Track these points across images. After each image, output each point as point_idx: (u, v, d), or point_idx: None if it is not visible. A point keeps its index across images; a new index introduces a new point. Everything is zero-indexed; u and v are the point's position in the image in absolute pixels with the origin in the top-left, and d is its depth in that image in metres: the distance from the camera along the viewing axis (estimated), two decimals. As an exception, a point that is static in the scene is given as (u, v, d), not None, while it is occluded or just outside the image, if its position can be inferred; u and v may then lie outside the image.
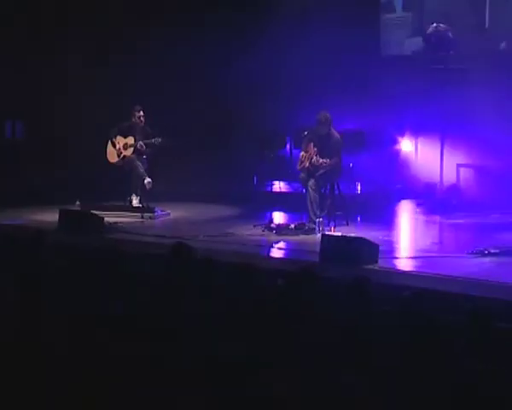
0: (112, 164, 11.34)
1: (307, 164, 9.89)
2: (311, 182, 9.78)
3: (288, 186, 12.62)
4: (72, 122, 12.61)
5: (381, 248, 7.83)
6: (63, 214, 9.76)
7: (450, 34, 12.51)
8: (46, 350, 3.99)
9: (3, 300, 4.87)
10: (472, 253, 8.13)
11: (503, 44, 12.73)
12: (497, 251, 8.10)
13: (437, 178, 12.14)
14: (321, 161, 9.73)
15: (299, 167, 10.06)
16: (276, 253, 8.88)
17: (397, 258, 8.27)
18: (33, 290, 5.14)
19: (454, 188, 11.91)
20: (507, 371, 3.95)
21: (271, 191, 10.96)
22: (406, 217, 11.64)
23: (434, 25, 12.51)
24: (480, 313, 4.66)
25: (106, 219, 9.89)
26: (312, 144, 9.91)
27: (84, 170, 12.07)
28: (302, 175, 9.96)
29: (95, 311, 4.74)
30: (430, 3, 13.53)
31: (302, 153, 10.04)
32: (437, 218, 10.92)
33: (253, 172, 12.96)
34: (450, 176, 12.03)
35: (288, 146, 13.33)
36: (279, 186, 12.62)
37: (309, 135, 10.02)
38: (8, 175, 12.34)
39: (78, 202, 11.03)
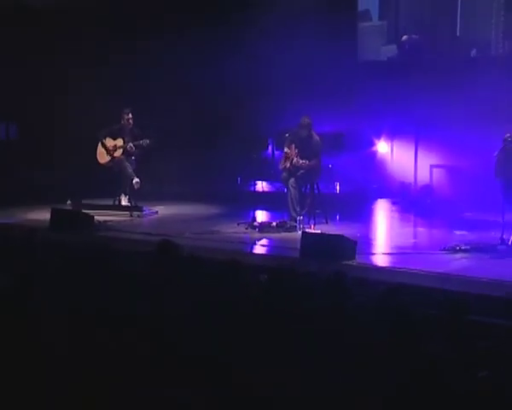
0: (102, 165, 11.28)
1: (288, 164, 9.92)
2: (292, 180, 9.81)
3: (270, 186, 12.63)
4: (62, 124, 12.55)
5: (358, 244, 7.86)
6: (55, 213, 9.72)
7: (423, 42, 12.57)
8: (43, 349, 3.94)
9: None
10: (444, 249, 8.17)
11: (473, 52, 12.80)
12: (468, 248, 8.15)
13: (411, 179, 12.20)
14: (301, 162, 9.77)
15: (281, 167, 10.08)
16: (259, 249, 8.90)
17: (373, 254, 8.29)
18: (27, 288, 5.10)
19: (427, 187, 11.96)
20: (478, 361, 3.99)
21: (254, 191, 10.94)
22: (382, 215, 11.69)
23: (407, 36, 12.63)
24: (453, 306, 4.68)
25: (96, 217, 9.85)
26: (293, 146, 9.94)
27: (75, 171, 12.02)
28: (284, 175, 9.99)
29: (86, 307, 4.72)
30: (404, 13, 13.59)
31: (284, 154, 10.06)
32: (411, 216, 10.98)
33: (237, 173, 12.96)
34: (423, 176, 12.08)
35: (270, 148, 13.33)
36: (262, 186, 12.63)
37: (290, 137, 10.05)
38: (1, 175, 12.28)
39: (69, 202, 11.00)
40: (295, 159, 9.81)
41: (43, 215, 9.93)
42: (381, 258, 8.22)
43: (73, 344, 4.03)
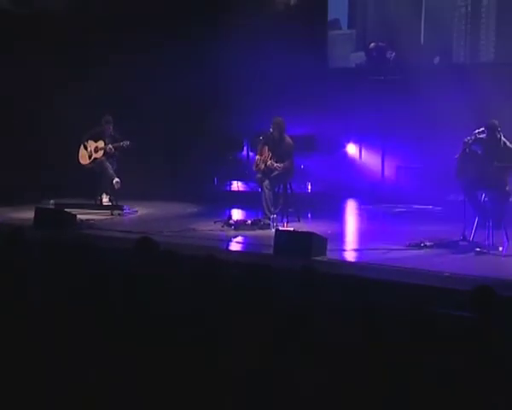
0: (83, 166, 11.30)
1: (262, 166, 9.95)
2: (266, 182, 9.84)
3: (245, 186, 12.64)
4: (46, 127, 12.47)
5: (328, 241, 7.90)
6: (39, 212, 9.68)
7: (389, 49, 12.67)
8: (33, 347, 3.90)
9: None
10: (410, 245, 8.24)
11: (436, 59, 12.92)
12: (432, 244, 8.23)
13: (379, 178, 12.28)
14: (275, 165, 9.82)
15: (255, 169, 10.11)
16: (235, 246, 8.92)
17: (343, 250, 8.33)
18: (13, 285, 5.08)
19: (394, 187, 12.04)
20: (439, 350, 4.05)
21: (230, 190, 11.00)
22: (352, 213, 11.75)
23: (374, 44, 12.71)
24: (417, 298, 4.75)
25: (78, 216, 9.84)
26: (267, 148, 9.97)
27: (58, 172, 11.95)
28: (258, 176, 10.02)
29: (67, 302, 4.71)
30: (372, 22, 13.68)
31: (258, 156, 10.10)
32: (379, 214, 11.04)
33: (214, 173, 12.98)
34: (390, 176, 12.17)
35: (245, 149, 13.36)
36: (237, 186, 12.64)
37: (264, 139, 10.07)
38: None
39: (52, 201, 10.95)
40: (269, 162, 9.86)
41: (27, 214, 9.88)
42: (350, 254, 8.27)
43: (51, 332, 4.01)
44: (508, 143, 8.41)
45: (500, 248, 7.92)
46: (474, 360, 3.79)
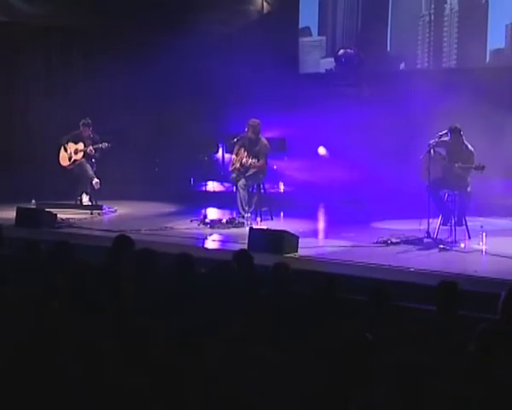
0: (64, 167, 11.19)
1: (238, 166, 9.93)
2: (241, 182, 9.82)
3: (220, 186, 12.61)
4: (28, 129, 12.35)
5: (300, 239, 7.89)
6: (20, 212, 9.57)
7: (357, 56, 12.71)
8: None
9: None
10: (377, 242, 8.26)
11: (402, 65, 13.00)
12: (398, 240, 8.26)
13: (348, 178, 12.29)
14: (250, 161, 9.79)
15: (230, 169, 10.08)
16: (210, 244, 8.88)
17: (314, 247, 8.32)
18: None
19: (363, 186, 12.05)
20: (402, 339, 4.06)
21: (206, 190, 10.94)
22: (322, 212, 11.75)
23: (343, 50, 12.77)
24: (382, 292, 4.75)
25: (59, 215, 9.74)
26: (243, 149, 9.96)
27: (39, 173, 11.84)
28: (233, 176, 9.99)
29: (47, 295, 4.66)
30: (341, 29, 13.73)
31: (233, 156, 10.07)
32: (348, 212, 11.05)
33: (190, 174, 12.92)
34: (359, 176, 12.19)
35: (220, 151, 13.33)
36: (212, 186, 12.60)
37: (240, 140, 10.04)
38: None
39: (33, 201, 10.84)
40: (245, 159, 9.84)
41: (9, 214, 9.76)
42: (320, 251, 8.28)
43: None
44: (469, 146, 8.47)
45: (462, 245, 7.98)
46: (438, 351, 3.80)
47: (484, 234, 8.07)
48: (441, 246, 7.97)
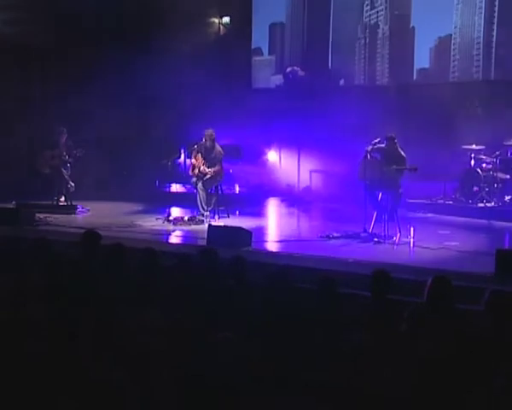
0: (42, 171, 11.02)
1: (196, 171, 9.89)
2: (200, 184, 9.78)
3: (182, 187, 12.53)
4: (8, 135, 12.10)
5: (253, 234, 7.89)
6: (1, 211, 9.36)
7: (302, 73, 12.79)
8: None
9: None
10: (321, 237, 8.32)
11: (341, 81, 13.11)
12: (339, 235, 8.33)
13: (295, 181, 12.37)
14: (207, 170, 9.77)
15: (190, 173, 10.03)
16: (174, 239, 8.83)
17: (266, 242, 8.37)
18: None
19: (308, 188, 12.16)
20: (345, 324, 4.10)
21: (169, 191, 10.84)
22: (273, 210, 11.79)
23: (290, 68, 12.84)
24: (326, 281, 4.78)
25: (37, 214, 9.57)
26: (200, 155, 9.91)
27: (19, 176, 11.60)
28: (193, 179, 9.93)
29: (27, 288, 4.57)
30: (288, 50, 13.82)
31: (193, 160, 10.02)
32: (295, 211, 11.13)
33: (155, 177, 12.80)
34: (304, 179, 12.27)
35: (182, 156, 13.23)
36: (175, 187, 12.50)
37: (198, 147, 9.98)
38: None
39: (13, 202, 10.61)
40: (202, 167, 9.79)
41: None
42: (271, 245, 8.31)
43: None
44: (402, 152, 8.58)
45: (394, 238, 8.08)
46: (373, 332, 3.84)
47: (412, 228, 8.18)
48: (376, 239, 8.07)
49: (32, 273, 4.87)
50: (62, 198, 11.00)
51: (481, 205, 10.01)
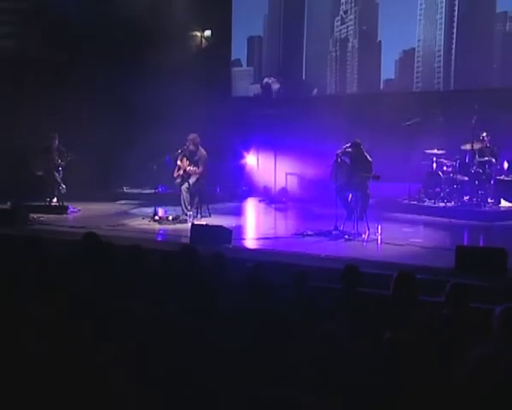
0: (35, 174, 10.91)
1: (181, 173, 9.85)
2: (184, 186, 9.74)
3: (167, 189, 12.46)
4: (4, 142, 11.95)
5: (233, 232, 7.88)
6: (-4, 211, 9.26)
7: (278, 83, 12.81)
8: None
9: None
10: (296, 234, 8.33)
11: (314, 91, 13.16)
12: (312, 233, 8.34)
13: (272, 183, 12.38)
14: (192, 169, 9.73)
15: (174, 175, 9.98)
16: (159, 237, 8.78)
17: (244, 239, 8.35)
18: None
19: (283, 189, 12.17)
20: (318, 315, 4.10)
21: (155, 193, 10.78)
22: (251, 210, 11.80)
23: (267, 78, 12.85)
24: (300, 275, 4.79)
25: (31, 214, 9.46)
26: (185, 158, 9.88)
27: (14, 178, 11.46)
28: (177, 181, 9.90)
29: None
30: (266, 61, 13.84)
31: (178, 163, 9.98)
32: (272, 210, 11.14)
33: (142, 179, 12.69)
34: (280, 181, 12.29)
35: (167, 159, 13.13)
36: (161, 189, 12.42)
37: (183, 151, 9.96)
38: None
39: (8, 203, 10.47)
40: (188, 168, 9.76)
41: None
42: (250, 242, 8.30)
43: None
44: (368, 157, 8.62)
45: (363, 236, 8.11)
46: (345, 322, 3.85)
47: (379, 226, 8.22)
48: (346, 237, 8.09)
49: (25, 270, 4.80)
50: (54, 199, 10.93)
51: (442, 205, 10.11)
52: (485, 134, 10.16)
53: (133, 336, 3.32)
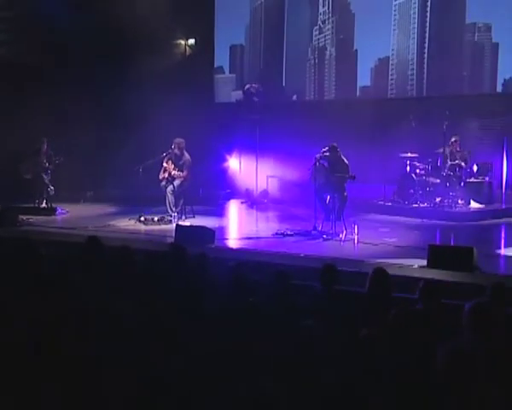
0: (25, 177, 10.80)
1: (167, 175, 9.82)
2: (169, 188, 9.71)
3: (153, 191, 12.37)
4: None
5: (216, 232, 7.85)
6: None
7: (259, 89, 12.81)
8: None
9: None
10: (276, 235, 8.34)
11: (294, 97, 13.19)
12: (292, 233, 8.36)
13: (253, 185, 12.37)
14: (177, 173, 9.70)
15: (160, 177, 9.94)
16: (145, 237, 8.72)
17: (227, 239, 8.33)
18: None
19: (265, 191, 12.17)
20: (297, 311, 4.10)
21: (141, 195, 10.70)
22: (234, 211, 11.77)
23: (249, 85, 12.85)
24: (281, 273, 4.79)
25: (20, 216, 9.35)
26: (170, 162, 9.85)
27: (4, 181, 11.32)
28: (163, 183, 9.86)
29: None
30: (247, 68, 13.84)
31: (164, 165, 9.94)
32: (254, 212, 11.13)
33: (128, 181, 12.60)
34: (262, 183, 12.29)
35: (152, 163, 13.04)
36: (146, 191, 12.33)
37: (168, 155, 9.92)
38: None
39: (-1, 206, 10.36)
40: (173, 172, 9.74)
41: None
42: (232, 242, 8.28)
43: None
44: (345, 160, 8.66)
45: (341, 236, 8.14)
46: (323, 319, 3.86)
47: (356, 226, 8.26)
48: (324, 236, 8.13)
49: (14, 269, 4.74)
50: (43, 201, 10.81)
51: (416, 206, 10.19)
52: (454, 139, 10.27)
53: (120, 335, 3.30)
